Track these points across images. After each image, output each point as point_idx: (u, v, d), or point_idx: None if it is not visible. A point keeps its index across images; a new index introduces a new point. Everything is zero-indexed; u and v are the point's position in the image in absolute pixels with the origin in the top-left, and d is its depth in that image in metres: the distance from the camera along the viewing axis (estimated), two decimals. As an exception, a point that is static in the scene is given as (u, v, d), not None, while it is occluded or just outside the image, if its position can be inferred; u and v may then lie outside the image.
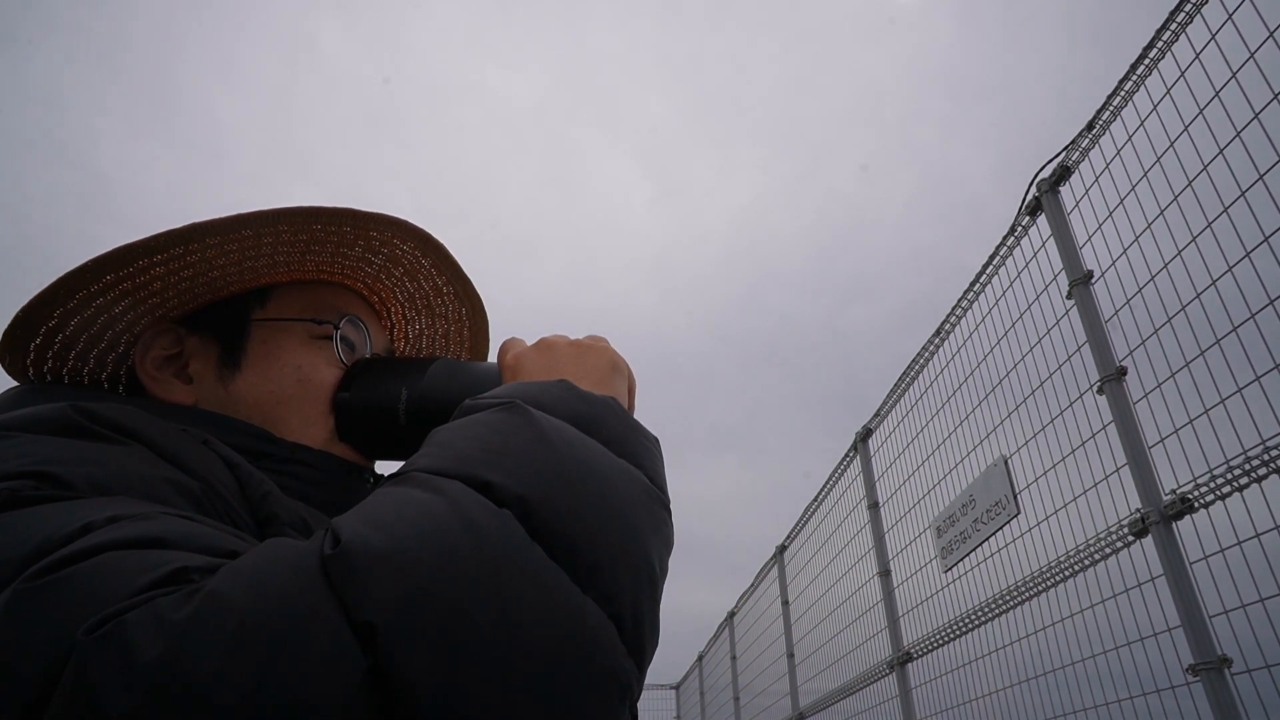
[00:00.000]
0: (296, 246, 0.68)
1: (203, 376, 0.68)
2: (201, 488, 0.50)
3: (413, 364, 0.71)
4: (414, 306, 0.82)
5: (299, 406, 0.67)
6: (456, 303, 0.82)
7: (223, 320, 0.69)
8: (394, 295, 0.80)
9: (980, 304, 2.94)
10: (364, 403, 0.68)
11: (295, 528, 0.54)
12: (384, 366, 0.71)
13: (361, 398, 0.68)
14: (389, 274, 0.76)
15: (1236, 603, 1.79)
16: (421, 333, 0.86)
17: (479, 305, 0.83)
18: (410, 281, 0.78)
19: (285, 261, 0.69)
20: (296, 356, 0.69)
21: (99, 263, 0.59)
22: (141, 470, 0.48)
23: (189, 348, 0.69)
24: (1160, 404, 2.03)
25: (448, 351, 0.89)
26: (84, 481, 0.45)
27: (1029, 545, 2.57)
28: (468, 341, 0.88)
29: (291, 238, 0.66)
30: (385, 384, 0.69)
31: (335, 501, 0.64)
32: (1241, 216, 1.78)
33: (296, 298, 0.72)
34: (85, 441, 0.49)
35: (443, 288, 0.80)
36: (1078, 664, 2.36)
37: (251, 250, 0.65)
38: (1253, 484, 1.75)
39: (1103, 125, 2.26)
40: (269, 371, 0.68)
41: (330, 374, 0.70)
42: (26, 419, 0.50)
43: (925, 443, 3.35)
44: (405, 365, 0.71)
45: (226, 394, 0.67)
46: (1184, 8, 1.94)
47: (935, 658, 3.24)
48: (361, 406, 0.68)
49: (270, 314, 0.70)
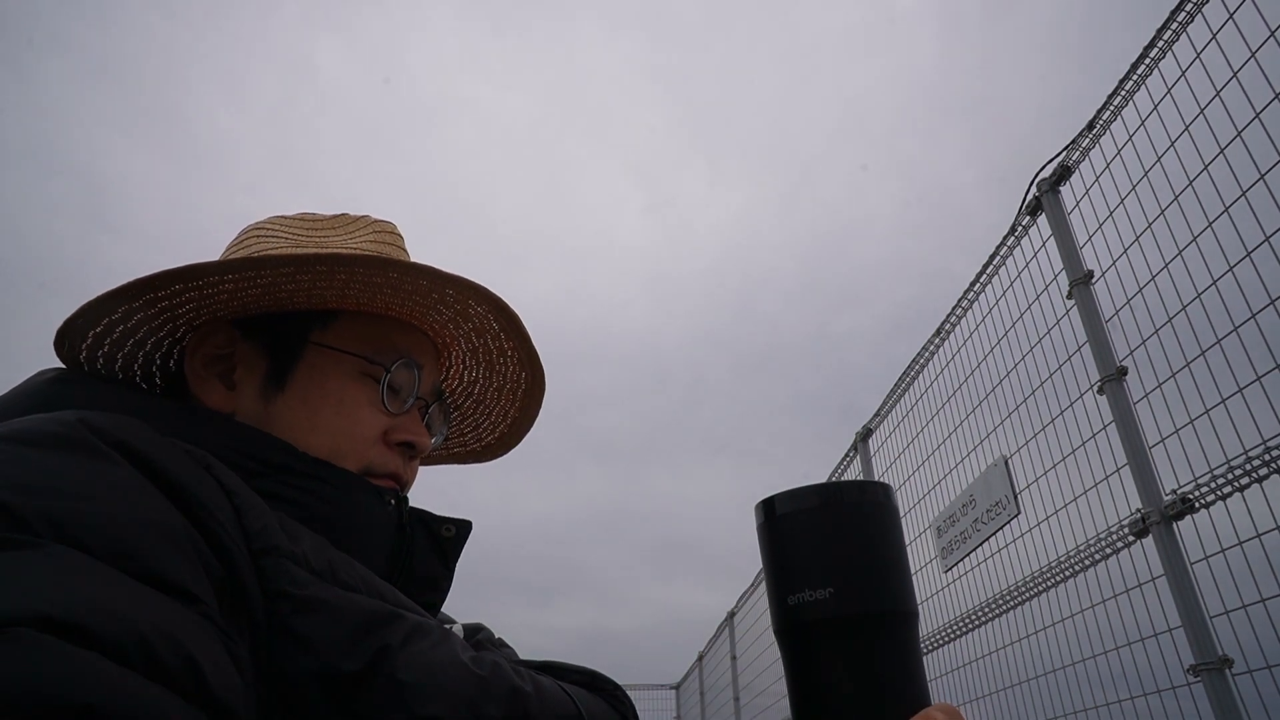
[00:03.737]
0: (370, 287, 0.67)
1: (245, 386, 0.68)
2: (184, 525, 0.46)
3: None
4: (475, 358, 0.82)
5: (330, 439, 0.66)
6: (518, 367, 0.82)
7: (280, 335, 0.69)
8: (458, 344, 0.80)
9: (981, 303, 2.93)
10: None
11: (297, 561, 0.52)
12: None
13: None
14: (458, 326, 0.76)
15: (1237, 603, 1.79)
16: (476, 381, 0.86)
17: (539, 374, 0.83)
18: (477, 338, 0.78)
19: (354, 295, 0.68)
20: (342, 389, 0.68)
21: (169, 275, 0.60)
22: (117, 510, 0.44)
23: (240, 352, 0.69)
24: (1161, 404, 2.02)
25: (498, 405, 0.88)
26: (41, 519, 0.41)
27: (1029, 545, 2.56)
28: (520, 402, 0.87)
29: (366, 279, 0.66)
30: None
31: (355, 522, 0.63)
32: (1242, 216, 1.78)
33: (360, 329, 0.71)
34: (78, 460, 0.46)
35: (508, 350, 0.80)
36: (1078, 664, 2.36)
37: (324, 282, 0.65)
38: (1254, 484, 1.74)
39: (1103, 125, 2.26)
40: (310, 397, 0.67)
41: (368, 414, 0.69)
42: (22, 429, 0.48)
43: (925, 442, 3.35)
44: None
45: (265, 410, 0.66)
46: (1185, 7, 1.94)
47: (935, 658, 3.24)
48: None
49: (330, 340, 0.69)
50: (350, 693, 0.48)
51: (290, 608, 0.49)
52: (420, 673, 0.50)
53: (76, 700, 0.33)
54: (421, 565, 0.68)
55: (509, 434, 0.91)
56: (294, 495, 0.60)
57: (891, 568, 0.50)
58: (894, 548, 0.50)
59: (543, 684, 0.58)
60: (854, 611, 0.48)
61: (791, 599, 0.49)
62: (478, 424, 0.91)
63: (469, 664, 0.54)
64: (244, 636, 0.47)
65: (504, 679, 0.54)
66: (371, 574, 0.58)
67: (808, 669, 0.49)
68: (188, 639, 0.40)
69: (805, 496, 0.51)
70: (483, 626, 0.80)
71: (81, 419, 0.49)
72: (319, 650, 0.48)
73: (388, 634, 0.51)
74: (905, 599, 0.49)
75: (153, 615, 0.40)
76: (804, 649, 0.49)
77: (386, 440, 0.70)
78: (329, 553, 0.55)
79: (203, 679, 0.40)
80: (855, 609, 0.48)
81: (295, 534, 0.54)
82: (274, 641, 0.48)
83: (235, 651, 0.45)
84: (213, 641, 0.43)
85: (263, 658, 0.47)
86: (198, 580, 0.45)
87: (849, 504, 0.51)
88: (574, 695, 0.60)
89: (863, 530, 0.50)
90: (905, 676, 0.48)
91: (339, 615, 0.50)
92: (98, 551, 0.41)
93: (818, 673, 0.48)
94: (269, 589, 0.49)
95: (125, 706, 0.35)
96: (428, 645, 0.53)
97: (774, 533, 0.51)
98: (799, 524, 0.50)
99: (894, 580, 0.49)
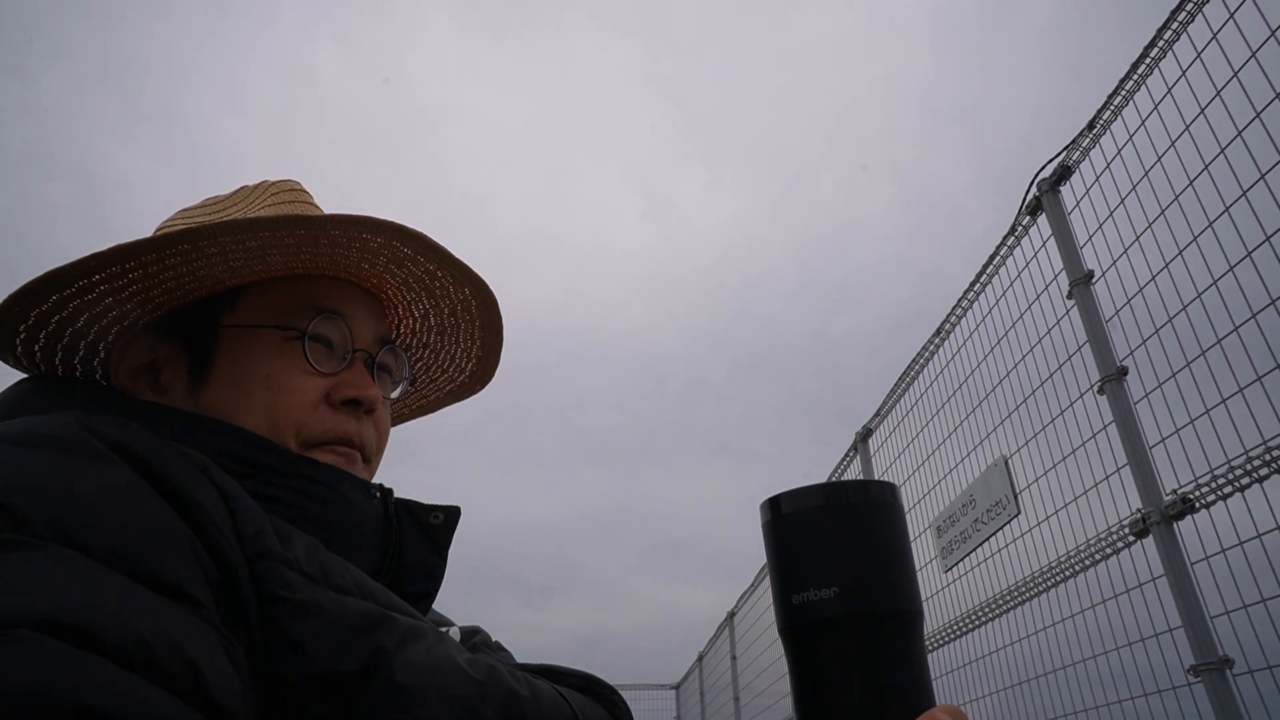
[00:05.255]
0: (250, 253, 0.63)
1: (173, 387, 0.66)
2: (183, 529, 0.46)
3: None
4: (411, 290, 0.77)
5: (265, 417, 0.64)
6: (456, 285, 0.77)
7: (191, 327, 0.67)
8: (386, 280, 0.75)
9: (981, 303, 2.93)
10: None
11: (290, 565, 0.51)
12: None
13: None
14: (370, 263, 0.71)
15: (1238, 603, 1.79)
16: (427, 312, 0.81)
17: (481, 285, 0.77)
18: (399, 268, 0.73)
19: (245, 266, 0.64)
20: (266, 363, 0.66)
21: (40, 282, 0.58)
22: (117, 513, 0.44)
23: (160, 357, 0.67)
24: (1161, 404, 2.02)
25: (459, 331, 0.84)
26: (43, 521, 0.41)
27: (1029, 545, 2.56)
28: (478, 319, 0.82)
29: (240, 246, 0.62)
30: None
31: (343, 518, 0.62)
32: (1243, 216, 1.78)
33: (270, 298, 0.68)
34: (79, 462, 0.46)
35: (435, 272, 0.75)
36: (1079, 664, 2.36)
37: (199, 261, 0.62)
38: (1254, 484, 1.74)
39: (1103, 124, 2.26)
40: (235, 380, 0.65)
41: (300, 381, 0.66)
42: (23, 430, 0.47)
43: (925, 442, 3.35)
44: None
45: (196, 406, 0.65)
46: (1185, 7, 1.93)
47: (935, 658, 3.24)
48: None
49: (239, 319, 0.67)
50: (346, 695, 0.48)
51: (284, 611, 0.49)
52: (417, 675, 0.50)
53: (77, 702, 0.33)
54: (413, 555, 0.68)
55: (485, 356, 0.87)
56: (280, 494, 0.59)
57: (896, 567, 0.49)
58: (899, 547, 0.50)
59: (539, 688, 0.58)
60: (858, 611, 0.47)
61: (796, 598, 0.49)
62: (453, 355, 0.87)
63: (465, 667, 0.53)
64: (241, 640, 0.47)
65: (500, 682, 0.54)
66: (365, 576, 0.57)
67: (812, 668, 0.49)
68: (188, 642, 0.40)
69: (810, 495, 0.50)
70: (480, 629, 0.80)
71: (80, 421, 0.49)
72: (314, 654, 0.48)
73: (382, 636, 0.51)
74: (910, 599, 0.49)
75: (153, 618, 0.40)
76: (808, 648, 0.49)
77: (330, 401, 0.67)
78: (321, 555, 0.55)
79: (203, 682, 0.40)
80: (860, 608, 0.47)
81: (287, 537, 0.54)
82: (269, 645, 0.48)
83: (234, 655, 0.45)
84: (213, 645, 0.43)
85: (259, 661, 0.47)
86: (197, 584, 0.45)
87: (854, 503, 0.50)
88: (570, 699, 0.60)
89: (868, 530, 0.49)
90: (909, 677, 0.48)
91: (333, 618, 0.50)
92: (98, 554, 0.41)
93: (822, 672, 0.48)
94: (263, 593, 0.49)
95: (125, 709, 0.35)
96: (423, 648, 0.53)
97: (779, 531, 0.51)
98: (804, 523, 0.50)
99: (899, 580, 0.49)
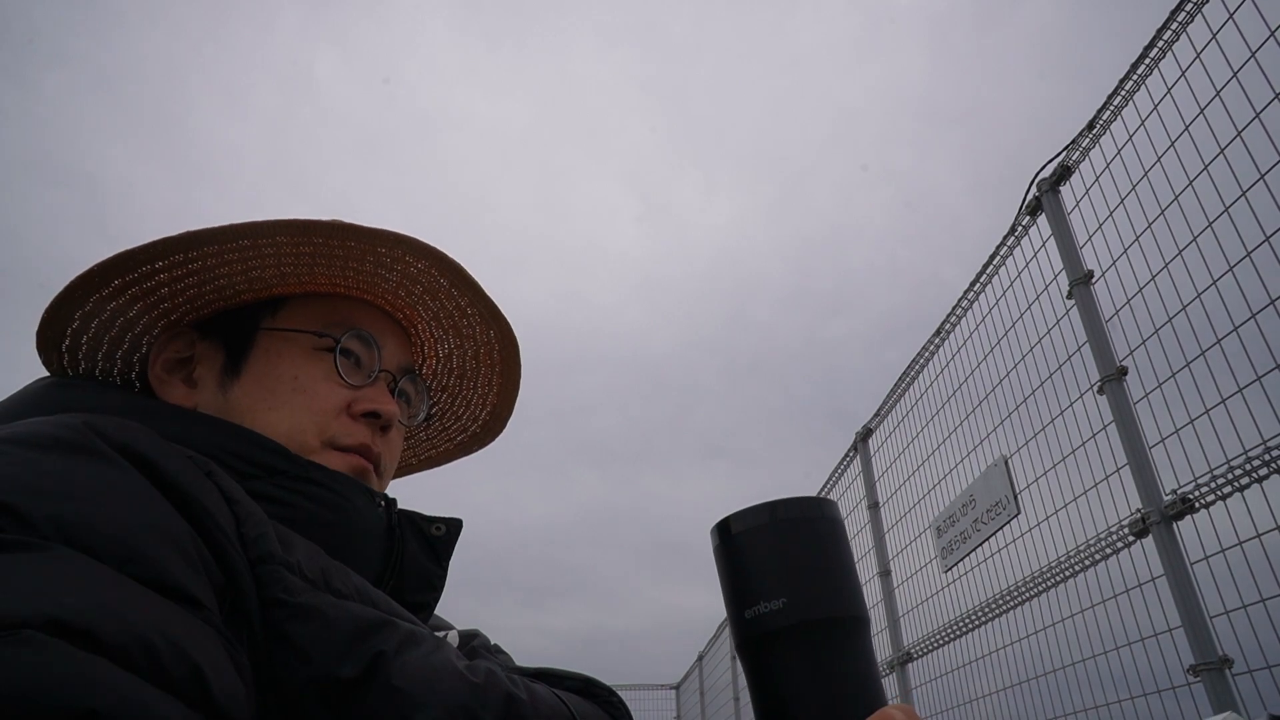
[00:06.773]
0: (301, 259, 0.67)
1: (205, 381, 0.69)
2: (188, 531, 0.47)
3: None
4: (440, 326, 0.81)
5: (289, 414, 0.67)
6: (483, 325, 0.81)
7: (232, 327, 0.70)
8: (418, 313, 0.79)
9: (981, 303, 2.93)
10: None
11: (291, 569, 0.52)
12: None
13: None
14: (408, 291, 0.75)
15: (1237, 603, 1.79)
16: (451, 353, 0.85)
17: (506, 329, 0.81)
18: (432, 300, 0.77)
19: (294, 273, 0.69)
20: (295, 367, 0.69)
21: (104, 267, 0.62)
22: (123, 515, 0.44)
23: (199, 352, 0.70)
24: (1161, 404, 2.02)
25: (477, 377, 0.87)
26: (48, 522, 0.41)
27: (1029, 545, 2.56)
28: (499, 365, 0.86)
29: (294, 250, 0.66)
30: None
31: (346, 524, 0.63)
32: (1242, 216, 1.78)
33: (310, 310, 0.72)
34: (84, 463, 0.46)
35: (465, 308, 0.79)
36: (1078, 664, 2.36)
37: (254, 260, 0.66)
38: (1254, 484, 1.74)
39: (1103, 125, 2.26)
40: (266, 379, 0.68)
41: (326, 388, 0.69)
42: (30, 432, 0.47)
43: (925, 442, 3.35)
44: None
45: (225, 401, 0.67)
46: (1185, 7, 1.93)
47: (935, 658, 3.24)
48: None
49: (279, 324, 0.71)
50: (346, 699, 0.48)
51: (285, 615, 0.49)
52: (416, 679, 0.50)
53: (80, 704, 0.33)
54: (414, 564, 0.68)
55: (499, 406, 0.90)
56: (285, 496, 0.60)
57: (841, 575, 0.51)
58: (842, 557, 0.52)
59: (537, 691, 0.58)
60: (807, 618, 0.49)
61: (749, 612, 0.50)
62: (469, 401, 0.90)
63: (464, 671, 0.54)
64: (243, 643, 0.47)
65: (499, 686, 0.54)
66: (365, 581, 0.58)
67: (768, 678, 0.50)
68: (192, 645, 0.40)
69: (756, 514, 0.52)
70: (478, 633, 0.80)
71: (87, 423, 0.49)
72: (314, 657, 0.48)
73: (381, 640, 0.51)
74: (856, 605, 0.51)
75: (158, 620, 0.40)
76: (763, 659, 0.51)
77: (350, 413, 0.70)
78: (321, 560, 0.55)
79: (206, 685, 0.40)
80: (808, 615, 0.49)
81: (289, 541, 0.54)
82: (270, 649, 0.48)
83: (237, 658, 0.45)
84: (216, 648, 0.43)
85: (260, 665, 0.47)
86: (201, 586, 0.45)
87: (797, 518, 0.52)
88: (568, 702, 0.60)
89: (811, 542, 0.51)
90: (860, 678, 0.49)
91: (333, 623, 0.50)
92: (103, 555, 0.41)
93: (777, 681, 0.50)
94: (264, 596, 0.49)
95: (129, 712, 0.35)
96: (423, 652, 0.53)
97: (728, 551, 0.53)
98: (751, 540, 0.52)
99: (844, 587, 0.51)
